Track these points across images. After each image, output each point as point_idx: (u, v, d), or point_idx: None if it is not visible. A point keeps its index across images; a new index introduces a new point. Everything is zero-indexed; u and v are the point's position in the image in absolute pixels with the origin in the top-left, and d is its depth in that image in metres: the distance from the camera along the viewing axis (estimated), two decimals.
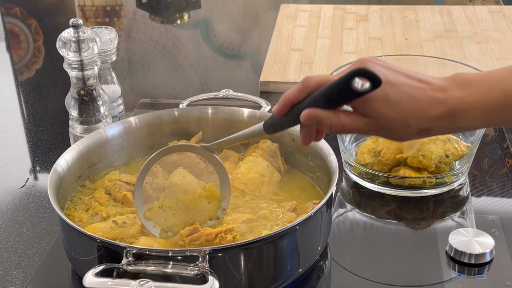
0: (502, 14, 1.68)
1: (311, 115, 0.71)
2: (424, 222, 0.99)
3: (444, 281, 0.87)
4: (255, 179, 0.97)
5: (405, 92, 0.70)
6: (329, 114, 0.71)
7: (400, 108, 0.69)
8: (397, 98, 0.69)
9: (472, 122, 0.71)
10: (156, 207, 0.89)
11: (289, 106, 0.74)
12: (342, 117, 0.71)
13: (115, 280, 0.73)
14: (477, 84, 0.71)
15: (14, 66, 1.61)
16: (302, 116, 0.72)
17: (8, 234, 0.98)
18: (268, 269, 0.81)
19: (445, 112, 0.70)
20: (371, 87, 0.67)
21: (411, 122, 0.70)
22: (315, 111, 0.71)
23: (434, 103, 0.70)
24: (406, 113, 0.70)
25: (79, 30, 1.05)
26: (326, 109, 0.71)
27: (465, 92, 0.70)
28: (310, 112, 0.71)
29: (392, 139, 0.74)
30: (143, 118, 1.05)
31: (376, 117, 0.70)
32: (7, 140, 1.25)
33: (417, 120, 0.70)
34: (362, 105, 0.70)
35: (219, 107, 1.07)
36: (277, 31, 1.62)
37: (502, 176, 1.10)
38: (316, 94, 0.72)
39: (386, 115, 0.70)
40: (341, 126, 0.71)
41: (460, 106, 0.70)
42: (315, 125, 0.73)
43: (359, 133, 0.75)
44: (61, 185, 0.92)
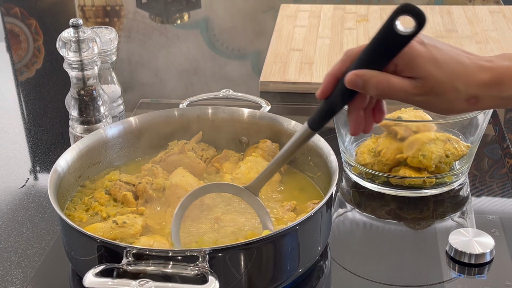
0: (502, 14, 1.68)
1: (356, 75, 0.68)
2: (424, 222, 0.99)
3: (444, 281, 0.87)
4: None
5: (452, 56, 0.68)
6: (376, 73, 0.68)
7: (448, 69, 0.68)
8: (444, 59, 0.68)
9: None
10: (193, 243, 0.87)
11: (334, 82, 0.71)
12: (388, 76, 0.68)
13: (115, 280, 0.73)
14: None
15: (14, 66, 1.61)
16: (346, 78, 0.69)
17: (8, 234, 0.98)
18: (268, 269, 0.81)
19: (493, 78, 0.68)
20: (417, 26, 0.64)
21: (459, 85, 0.68)
22: (360, 71, 0.68)
23: (482, 69, 0.68)
24: (454, 75, 0.68)
25: (79, 30, 1.05)
26: None
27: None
28: (355, 72, 0.68)
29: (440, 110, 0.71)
30: (143, 118, 1.05)
31: (423, 78, 0.68)
32: (7, 140, 1.25)
33: (465, 84, 0.68)
34: (408, 65, 0.68)
35: (219, 107, 1.07)
36: (277, 31, 1.62)
37: (502, 176, 1.10)
38: (359, 56, 0.69)
39: (434, 74, 0.67)
40: (388, 85, 0.68)
41: (509, 74, 0.68)
42: (361, 87, 0.69)
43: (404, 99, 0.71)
44: (61, 185, 0.92)
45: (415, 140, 1.01)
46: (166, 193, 0.95)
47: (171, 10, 1.90)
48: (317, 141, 0.96)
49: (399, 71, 0.69)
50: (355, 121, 0.73)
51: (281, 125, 1.02)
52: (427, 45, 0.68)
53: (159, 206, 0.95)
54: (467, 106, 0.70)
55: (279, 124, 1.03)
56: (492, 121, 1.23)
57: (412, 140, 1.01)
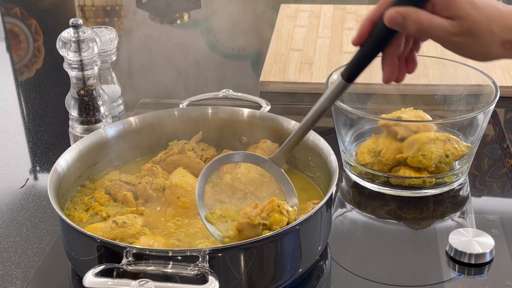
0: None
1: (396, 11, 0.69)
2: (424, 222, 0.99)
3: (444, 281, 0.87)
4: (255, 179, 0.97)
5: (488, 1, 0.70)
6: (415, 9, 0.69)
7: (485, 11, 0.69)
8: (481, 2, 0.70)
9: None
10: (218, 215, 0.86)
11: (370, 26, 0.72)
12: (428, 13, 0.70)
13: (115, 280, 0.73)
14: None
15: (14, 66, 1.61)
16: (386, 14, 0.70)
17: (8, 234, 0.98)
18: (268, 269, 0.81)
19: None
20: None
21: (495, 28, 0.70)
22: (399, 7, 0.70)
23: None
24: (491, 18, 0.70)
25: (79, 30, 1.05)
26: None
27: None
28: (394, 9, 0.69)
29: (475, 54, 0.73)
30: (143, 118, 1.05)
31: (461, 17, 0.69)
32: (7, 140, 1.25)
33: (500, 28, 0.70)
34: (447, 5, 0.69)
35: (219, 107, 1.07)
36: (277, 31, 1.62)
37: (502, 176, 1.10)
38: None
39: (471, 15, 0.69)
40: (428, 21, 0.69)
41: None
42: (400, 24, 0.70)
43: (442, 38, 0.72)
44: (61, 185, 0.92)
45: (415, 140, 1.01)
46: (166, 193, 0.95)
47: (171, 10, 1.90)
48: (317, 141, 0.96)
49: (437, 10, 0.70)
50: (389, 68, 0.74)
51: (281, 125, 1.02)
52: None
53: (159, 206, 0.95)
54: (502, 51, 0.72)
55: (279, 124, 1.03)
56: (492, 121, 1.23)
57: (412, 140, 1.01)
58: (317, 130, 0.98)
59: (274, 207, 0.82)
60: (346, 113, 1.03)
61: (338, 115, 1.05)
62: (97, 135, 1.01)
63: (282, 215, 0.82)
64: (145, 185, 0.95)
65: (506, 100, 1.29)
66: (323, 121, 1.26)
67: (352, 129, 1.07)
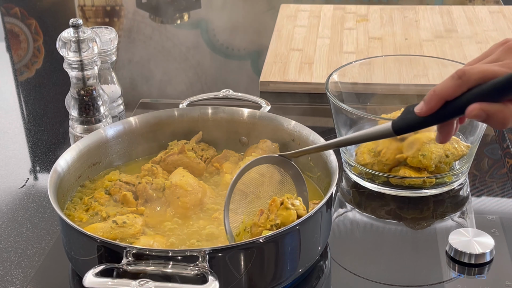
0: (502, 14, 1.68)
1: (481, 109, 0.67)
2: (424, 222, 0.99)
3: (444, 281, 0.87)
4: (255, 179, 0.97)
5: None
6: (501, 107, 0.67)
7: None
8: None
9: None
10: (242, 230, 0.86)
11: (442, 103, 0.70)
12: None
13: (115, 280, 0.73)
14: None
15: (14, 66, 1.61)
16: (469, 110, 0.67)
17: (8, 234, 0.98)
18: (268, 269, 0.81)
19: None
20: None
21: None
22: (484, 105, 0.67)
23: None
24: None
25: (79, 30, 1.05)
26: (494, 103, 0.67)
27: None
28: (479, 106, 0.67)
29: None
30: (143, 118, 1.05)
31: None
32: (7, 140, 1.25)
33: None
34: None
35: (219, 107, 1.07)
36: (277, 31, 1.62)
37: (502, 176, 1.10)
38: (484, 89, 0.68)
39: None
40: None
41: None
42: (482, 119, 0.68)
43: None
44: (61, 185, 0.92)
45: (415, 140, 1.01)
46: (166, 193, 0.95)
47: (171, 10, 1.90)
48: (317, 141, 0.97)
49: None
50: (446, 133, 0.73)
51: (281, 125, 1.02)
52: None
53: (159, 206, 0.95)
54: None
55: (279, 124, 1.03)
56: None
57: (412, 140, 1.01)
58: (317, 130, 0.98)
59: (277, 206, 0.83)
60: (346, 113, 1.03)
61: (338, 115, 1.05)
62: (97, 135, 1.01)
63: (289, 210, 0.82)
64: (145, 185, 0.95)
65: None
66: (323, 121, 1.27)
67: (352, 129, 1.07)
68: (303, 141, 0.99)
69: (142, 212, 0.93)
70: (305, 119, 1.26)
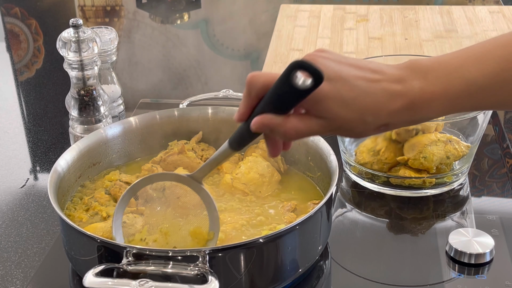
0: (502, 14, 1.68)
1: (262, 123, 0.67)
2: (424, 222, 0.99)
3: (444, 281, 0.87)
4: (255, 179, 0.97)
5: (360, 88, 0.65)
6: (281, 120, 0.66)
7: (356, 106, 0.65)
8: (351, 95, 0.64)
9: (433, 113, 0.67)
10: (138, 239, 0.84)
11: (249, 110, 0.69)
12: (294, 122, 0.66)
13: (115, 280, 0.73)
14: (436, 72, 0.66)
15: (14, 66, 1.61)
16: (252, 124, 0.67)
17: (8, 234, 0.98)
18: (268, 269, 0.81)
19: (405, 105, 0.65)
20: (314, 83, 0.62)
21: (368, 119, 0.66)
22: (265, 118, 0.66)
23: (393, 97, 0.65)
24: (363, 110, 0.65)
25: (79, 30, 1.05)
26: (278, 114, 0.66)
27: (424, 82, 0.66)
28: (260, 120, 0.67)
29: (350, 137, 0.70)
30: (143, 118, 1.05)
31: (330, 118, 0.66)
32: (7, 140, 1.25)
33: (374, 116, 0.66)
34: (314, 106, 0.65)
35: (219, 107, 1.07)
36: (277, 31, 1.62)
37: (502, 176, 1.10)
38: (264, 99, 0.67)
39: (341, 115, 0.65)
40: (295, 132, 0.66)
41: (421, 98, 0.65)
42: (268, 132, 0.68)
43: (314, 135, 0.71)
44: (61, 185, 0.92)
45: (416, 142, 1.01)
46: (166, 193, 0.95)
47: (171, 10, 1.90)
48: (317, 141, 0.96)
49: (306, 109, 0.66)
50: (272, 146, 0.71)
51: None
52: (333, 81, 0.64)
53: (159, 206, 0.95)
54: (377, 132, 0.68)
55: None
56: (492, 121, 1.23)
57: (413, 142, 1.01)
58: None
59: None
60: None
61: None
62: (97, 135, 1.01)
63: None
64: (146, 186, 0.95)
65: None
66: None
67: None
68: (303, 141, 0.99)
69: (142, 212, 0.93)
70: None
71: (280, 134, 0.67)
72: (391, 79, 0.66)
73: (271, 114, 0.66)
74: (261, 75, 0.67)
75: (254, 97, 0.68)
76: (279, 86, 0.65)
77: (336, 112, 0.65)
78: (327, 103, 0.65)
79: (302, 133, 0.67)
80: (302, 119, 0.67)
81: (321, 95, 0.64)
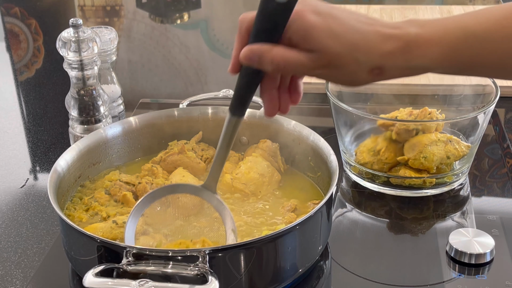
0: None
1: (250, 51, 0.65)
2: (424, 222, 0.99)
3: (444, 281, 0.87)
4: (255, 179, 0.97)
5: (350, 25, 0.63)
6: (269, 47, 0.64)
7: (346, 39, 0.63)
8: (341, 29, 0.63)
9: (429, 60, 0.64)
10: None
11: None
12: (284, 50, 0.64)
13: (115, 280, 0.73)
14: (434, 22, 0.65)
15: (14, 66, 1.61)
16: (241, 54, 0.65)
17: (8, 234, 0.98)
18: (268, 269, 0.81)
19: (399, 47, 0.63)
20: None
21: (360, 57, 0.63)
22: (253, 46, 0.65)
23: (386, 38, 0.63)
24: (353, 46, 0.63)
25: (79, 30, 1.05)
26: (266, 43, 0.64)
27: (420, 29, 0.64)
28: (248, 48, 0.65)
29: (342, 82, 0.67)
30: (143, 118, 1.05)
31: (320, 50, 0.63)
32: (7, 140, 1.25)
33: (366, 54, 0.63)
34: (303, 38, 0.63)
35: (219, 107, 1.07)
36: None
37: (502, 176, 1.10)
38: (252, 30, 0.65)
39: (330, 46, 0.63)
40: (284, 60, 0.64)
41: (416, 41, 0.63)
42: (256, 63, 0.65)
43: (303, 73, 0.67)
44: (61, 185, 0.92)
45: (417, 142, 1.01)
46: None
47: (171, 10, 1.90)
48: (317, 141, 0.96)
49: (294, 44, 0.64)
50: (268, 101, 0.69)
51: (281, 125, 1.02)
52: (323, 15, 0.63)
53: (159, 206, 0.95)
54: (371, 77, 0.65)
55: (279, 124, 1.03)
56: (492, 121, 1.23)
57: (413, 142, 1.01)
58: (317, 130, 0.98)
59: None
60: (346, 113, 1.03)
61: (338, 115, 1.05)
62: (97, 135, 1.01)
63: None
64: (145, 185, 0.95)
65: (506, 100, 1.29)
66: (323, 121, 1.27)
67: (352, 129, 1.07)
68: (303, 141, 0.99)
69: None
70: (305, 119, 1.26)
71: (268, 61, 0.64)
72: (386, 25, 0.65)
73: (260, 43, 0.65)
74: (250, 12, 0.66)
75: (245, 33, 0.66)
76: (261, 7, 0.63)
77: (325, 42, 0.63)
78: (315, 33, 0.63)
79: (291, 61, 0.64)
80: (290, 49, 0.64)
81: (309, 25, 0.63)
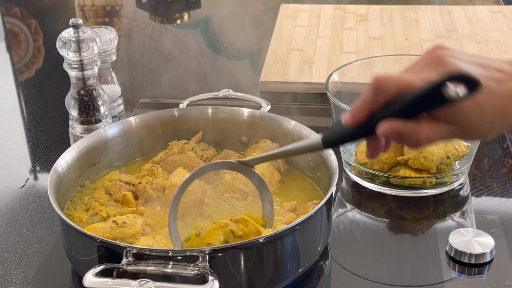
0: (502, 14, 1.68)
1: (393, 129, 0.63)
2: (424, 222, 0.99)
3: (444, 281, 0.87)
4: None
5: (490, 90, 0.62)
6: (413, 127, 0.63)
7: (489, 110, 0.63)
8: (485, 101, 0.62)
9: None
10: (193, 235, 0.84)
11: (367, 115, 0.65)
12: (426, 129, 0.63)
13: (115, 280, 0.73)
14: None
15: (14, 66, 1.61)
16: (381, 130, 0.64)
17: (8, 234, 0.98)
18: (268, 269, 0.81)
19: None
20: (468, 92, 0.59)
21: (496, 123, 0.64)
22: (396, 124, 0.63)
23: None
24: (494, 114, 0.63)
25: (79, 30, 1.05)
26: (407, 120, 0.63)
27: None
28: (391, 125, 0.63)
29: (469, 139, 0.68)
30: (143, 118, 1.05)
31: (463, 124, 0.63)
32: (7, 140, 1.25)
33: (501, 119, 0.64)
34: (449, 114, 0.63)
35: (219, 107, 1.07)
36: (277, 31, 1.62)
37: (502, 176, 1.10)
38: (398, 105, 0.63)
39: (475, 121, 0.63)
40: (427, 139, 0.64)
41: None
42: (395, 139, 0.65)
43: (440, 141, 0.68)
44: (61, 185, 0.92)
45: None
46: (166, 193, 0.95)
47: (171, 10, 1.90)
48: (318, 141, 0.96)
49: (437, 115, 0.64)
50: (375, 148, 0.69)
51: (281, 125, 1.02)
52: None
53: (159, 206, 0.95)
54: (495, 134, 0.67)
55: (279, 124, 1.03)
56: None
57: None
58: (317, 130, 0.98)
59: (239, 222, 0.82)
60: None
61: (338, 115, 1.05)
62: (97, 135, 1.01)
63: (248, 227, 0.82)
64: (145, 185, 0.95)
65: None
66: (323, 121, 1.27)
67: None
68: None
69: (142, 212, 0.93)
70: (305, 119, 1.26)
71: (412, 140, 0.64)
72: None
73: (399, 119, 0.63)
74: (392, 80, 0.63)
75: (381, 103, 0.64)
76: (424, 95, 0.61)
77: (471, 118, 0.63)
78: (463, 110, 0.62)
79: (432, 139, 0.64)
80: (433, 126, 0.64)
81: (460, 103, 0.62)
